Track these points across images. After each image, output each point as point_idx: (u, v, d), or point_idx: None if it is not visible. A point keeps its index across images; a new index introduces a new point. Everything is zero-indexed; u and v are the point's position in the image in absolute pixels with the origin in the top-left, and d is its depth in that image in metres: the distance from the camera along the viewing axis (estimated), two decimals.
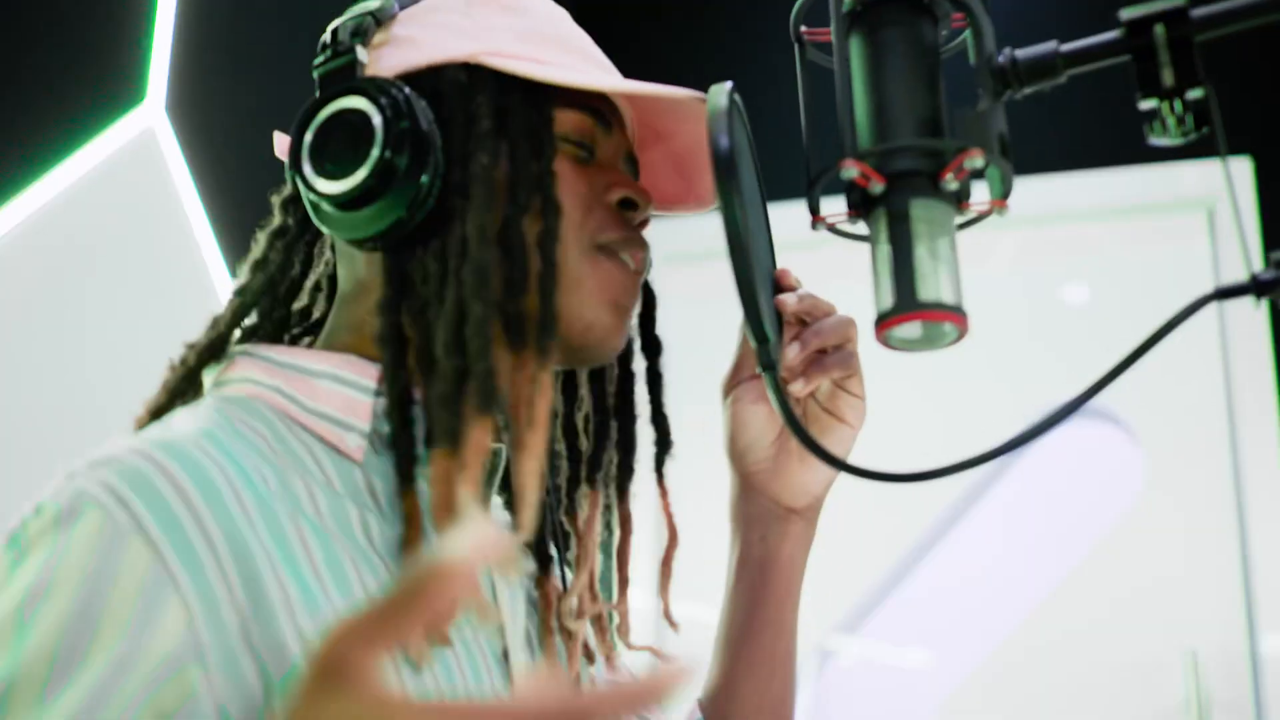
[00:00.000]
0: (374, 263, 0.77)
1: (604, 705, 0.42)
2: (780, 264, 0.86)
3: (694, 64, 2.91)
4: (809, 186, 0.65)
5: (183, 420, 0.71)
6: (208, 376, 0.78)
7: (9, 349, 1.42)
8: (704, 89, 0.71)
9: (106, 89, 1.62)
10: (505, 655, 0.76)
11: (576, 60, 0.81)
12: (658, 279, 0.88)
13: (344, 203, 0.73)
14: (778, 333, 0.81)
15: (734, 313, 0.69)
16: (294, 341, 0.85)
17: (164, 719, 0.59)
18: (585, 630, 0.84)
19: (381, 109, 0.73)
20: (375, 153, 0.72)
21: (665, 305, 0.89)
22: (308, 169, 0.74)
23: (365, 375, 0.75)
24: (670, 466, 0.88)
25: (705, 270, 2.18)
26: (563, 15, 0.85)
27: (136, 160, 1.64)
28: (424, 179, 0.73)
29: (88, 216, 1.55)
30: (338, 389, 0.74)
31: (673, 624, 0.88)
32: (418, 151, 0.73)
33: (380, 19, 0.78)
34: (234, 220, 1.80)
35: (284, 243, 0.82)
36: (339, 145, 0.73)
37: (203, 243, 1.76)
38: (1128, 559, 2.57)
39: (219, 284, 1.76)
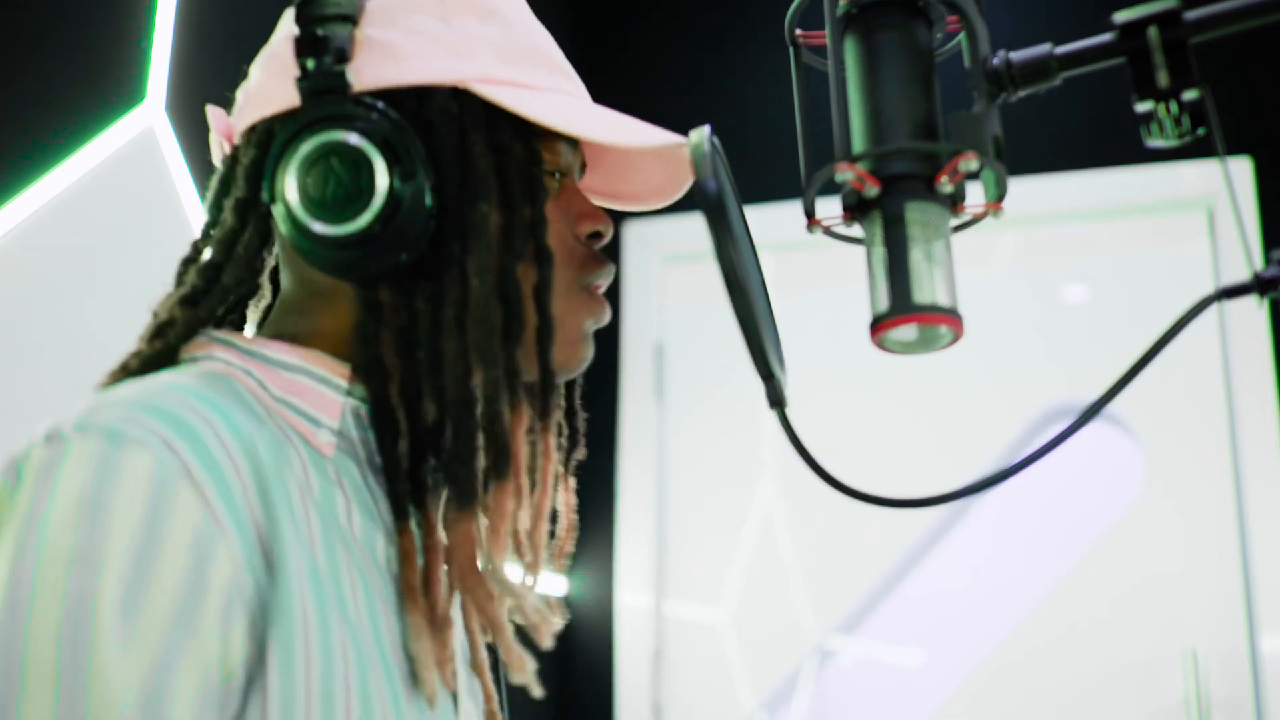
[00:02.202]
0: (340, 285, 0.74)
1: None
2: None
3: (690, 67, 2.91)
4: (804, 190, 0.65)
5: (177, 377, 0.69)
6: None
7: (9, 349, 1.42)
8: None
9: (106, 89, 1.62)
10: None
11: (554, 78, 0.78)
12: (658, 279, 0.88)
13: (341, 244, 0.69)
14: (783, 368, 0.81)
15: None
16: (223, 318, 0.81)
17: (229, 677, 0.61)
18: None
19: (381, 150, 0.69)
20: (379, 200, 0.69)
21: (666, 305, 0.89)
22: (295, 204, 0.70)
23: (337, 374, 0.73)
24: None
25: (705, 270, 2.23)
26: (531, 19, 0.81)
27: (136, 160, 1.64)
28: (424, 223, 0.70)
29: (88, 216, 1.55)
30: (309, 383, 0.72)
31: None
32: (419, 194, 0.70)
33: (353, 20, 0.72)
34: None
35: (245, 256, 0.76)
36: (333, 183, 0.69)
37: None
38: (1128, 558, 2.57)
39: None
